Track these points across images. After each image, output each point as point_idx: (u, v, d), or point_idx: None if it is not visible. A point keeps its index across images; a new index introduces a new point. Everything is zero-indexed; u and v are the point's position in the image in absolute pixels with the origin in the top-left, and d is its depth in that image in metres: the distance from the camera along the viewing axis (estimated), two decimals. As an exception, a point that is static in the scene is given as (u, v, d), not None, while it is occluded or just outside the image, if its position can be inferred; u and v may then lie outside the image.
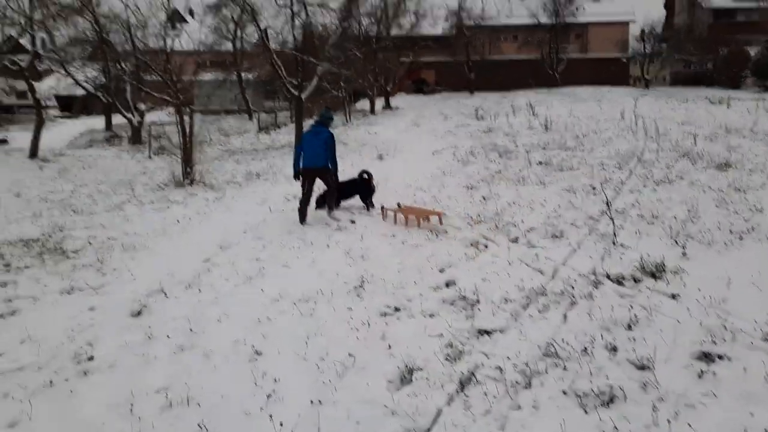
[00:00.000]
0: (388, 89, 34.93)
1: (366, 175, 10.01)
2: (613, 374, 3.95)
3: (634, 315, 4.84)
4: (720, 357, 4.12)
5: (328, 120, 9.45)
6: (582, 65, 43.51)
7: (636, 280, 5.82)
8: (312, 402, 3.89)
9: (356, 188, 10.02)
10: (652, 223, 7.83)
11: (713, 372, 3.89)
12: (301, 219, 9.04)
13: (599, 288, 5.64)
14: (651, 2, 64.95)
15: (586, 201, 9.36)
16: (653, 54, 44.05)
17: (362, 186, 10.00)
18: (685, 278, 5.73)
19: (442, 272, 6.37)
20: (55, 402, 4.11)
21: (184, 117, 14.34)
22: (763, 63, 37.67)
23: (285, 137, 23.81)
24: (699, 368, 3.96)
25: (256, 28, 22.87)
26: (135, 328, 5.21)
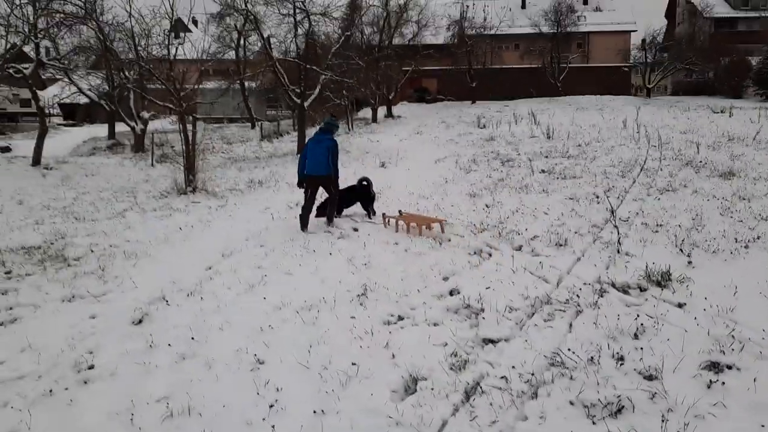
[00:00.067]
0: (390, 98, 35.00)
1: (365, 182, 10.01)
2: (621, 384, 3.90)
3: (641, 324, 4.80)
4: (729, 367, 4.08)
5: (333, 127, 9.43)
6: (584, 74, 43.57)
7: (642, 289, 5.78)
8: (315, 412, 3.84)
9: (356, 196, 10.04)
10: (657, 232, 7.78)
11: (722, 382, 3.85)
12: (303, 226, 9.03)
13: (605, 297, 5.60)
14: (652, 12, 65.45)
15: (590, 209, 9.32)
16: (655, 63, 44.15)
17: (362, 193, 10.01)
18: (691, 287, 5.69)
19: (446, 280, 6.33)
20: (55, 411, 4.06)
21: (187, 125, 14.33)
22: (765, 72, 37.64)
23: (287, 145, 23.83)
24: (708, 378, 3.91)
25: (259, 37, 23.04)
26: (136, 336, 5.17)
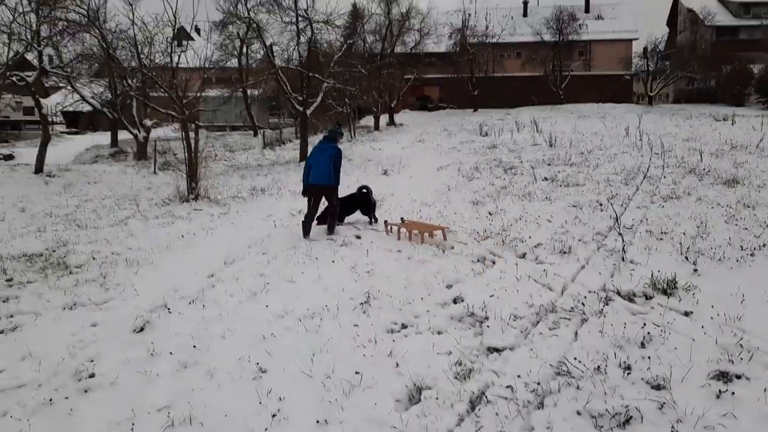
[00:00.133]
0: (392, 106, 35.04)
1: (365, 190, 10.01)
2: (629, 394, 3.85)
3: (647, 333, 4.74)
4: (738, 377, 4.02)
5: (337, 135, 9.41)
6: (585, 82, 43.60)
7: (647, 297, 5.73)
8: (318, 422, 3.79)
9: (356, 203, 10.03)
10: (662, 239, 7.73)
11: (732, 392, 3.78)
12: (305, 233, 9.01)
13: (610, 305, 5.54)
14: (654, 20, 65.57)
15: (594, 217, 9.28)
16: (656, 71, 44.20)
17: (362, 200, 10.02)
18: (698, 295, 5.63)
19: (450, 288, 6.27)
20: (55, 420, 4.01)
21: (190, 133, 14.33)
22: (767, 80, 37.69)
23: (290, 153, 23.84)
24: (717, 388, 3.85)
25: (262, 45, 23.08)
26: (137, 345, 5.12)
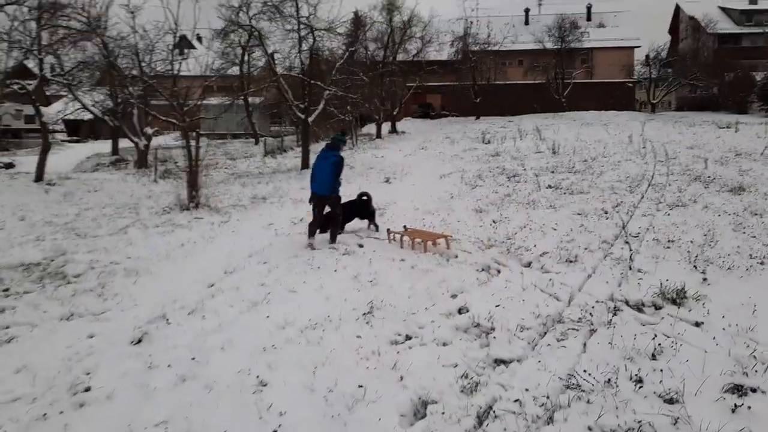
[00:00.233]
0: (395, 113, 34.97)
1: (365, 197, 9.92)
2: (641, 408, 3.73)
3: (658, 344, 4.62)
4: (753, 390, 3.91)
5: (340, 143, 9.28)
6: (588, 90, 43.50)
7: (657, 307, 5.61)
8: (320, 438, 3.67)
9: (356, 210, 9.94)
10: (669, 248, 7.62)
11: (748, 407, 3.67)
12: (309, 234, 8.93)
13: (618, 315, 5.43)
14: (655, 28, 65.51)
15: (599, 225, 9.16)
16: (659, 79, 44.14)
17: (362, 208, 9.94)
18: (708, 305, 5.52)
19: (454, 298, 6.15)
20: (49, 436, 3.89)
21: (191, 141, 14.26)
22: (770, 87, 37.65)
23: (291, 161, 23.76)
24: (732, 402, 3.74)
25: (264, 53, 23.03)
26: (135, 357, 5.00)
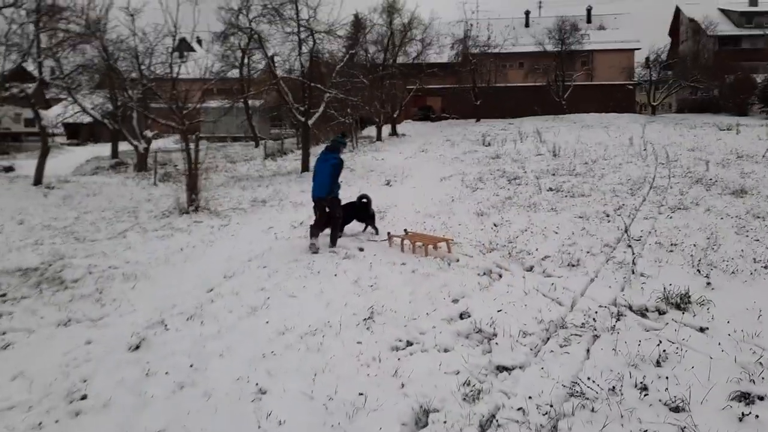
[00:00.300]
0: (395, 116, 34.92)
1: (365, 200, 9.85)
2: (647, 417, 3.66)
3: (663, 350, 4.55)
4: (761, 398, 3.84)
5: (340, 145, 9.21)
6: (588, 92, 43.43)
7: (660, 312, 5.54)
8: (320, 447, 3.60)
9: (355, 212, 9.85)
10: (672, 251, 7.56)
11: (756, 415, 3.60)
12: (311, 235, 8.84)
13: (622, 320, 5.36)
14: (655, 30, 65.41)
15: (601, 228, 9.10)
16: (659, 81, 44.09)
17: (361, 210, 9.86)
18: (712, 310, 5.46)
19: (456, 303, 6.08)
20: (44, 446, 3.83)
21: (190, 144, 14.20)
22: (770, 89, 37.62)
23: (291, 164, 23.70)
24: (739, 411, 3.67)
25: (263, 56, 22.99)
26: (132, 364, 4.93)
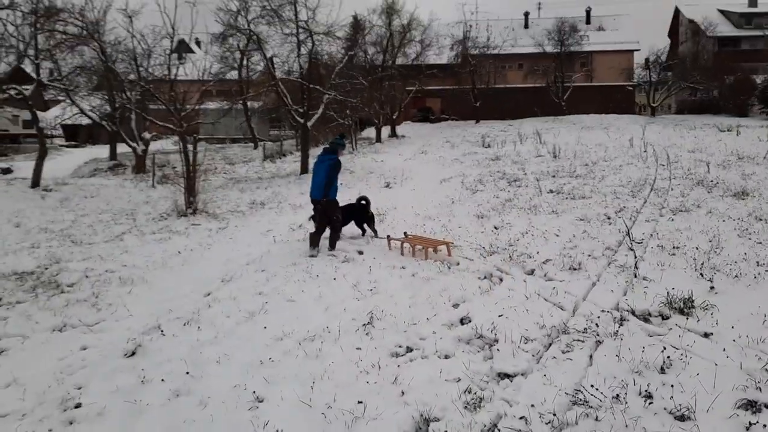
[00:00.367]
0: (394, 117, 34.87)
1: (364, 201, 9.76)
2: (651, 426, 3.59)
3: (667, 357, 4.47)
4: (767, 406, 3.75)
5: (338, 146, 9.13)
6: (587, 93, 43.43)
7: (664, 317, 5.47)
8: (318, 458, 3.53)
9: (353, 214, 9.77)
10: (674, 254, 7.48)
11: (763, 425, 3.53)
12: (310, 244, 8.76)
13: (625, 325, 5.29)
14: (655, 31, 65.58)
15: (602, 231, 9.02)
16: (659, 82, 44.07)
17: (360, 212, 9.76)
18: (717, 315, 5.38)
19: (456, 307, 6.01)
20: (36, 456, 3.75)
21: (188, 145, 14.13)
22: (770, 90, 37.60)
23: (290, 165, 23.64)
24: (746, 420, 3.60)
25: (262, 57, 22.94)
26: (128, 371, 4.84)
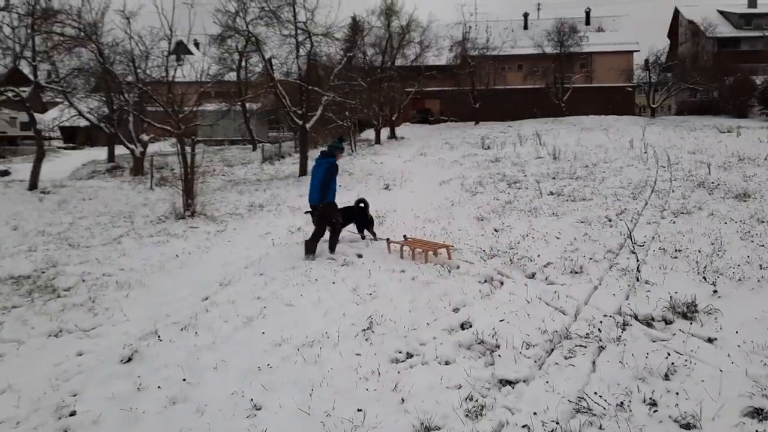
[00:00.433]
0: (393, 119, 34.80)
1: (363, 204, 9.68)
2: (657, 435, 3.52)
3: (671, 363, 4.40)
4: (774, 414, 3.69)
5: (336, 150, 9.06)
6: (587, 94, 43.39)
7: (667, 322, 5.40)
8: (317, 468, 3.45)
9: (352, 216, 9.69)
10: (676, 257, 7.41)
11: (771, 433, 3.45)
12: (306, 251, 8.67)
13: (627, 330, 5.22)
14: (654, 32, 65.54)
15: (603, 233, 8.95)
16: (658, 83, 44.03)
17: (358, 214, 9.69)
18: (720, 319, 5.31)
19: (457, 312, 5.94)
20: (29, 466, 3.67)
21: (186, 147, 14.05)
22: (770, 91, 37.57)
23: (289, 167, 23.57)
24: (753, 428, 3.54)
25: (261, 58, 22.86)
26: (124, 377, 4.77)
